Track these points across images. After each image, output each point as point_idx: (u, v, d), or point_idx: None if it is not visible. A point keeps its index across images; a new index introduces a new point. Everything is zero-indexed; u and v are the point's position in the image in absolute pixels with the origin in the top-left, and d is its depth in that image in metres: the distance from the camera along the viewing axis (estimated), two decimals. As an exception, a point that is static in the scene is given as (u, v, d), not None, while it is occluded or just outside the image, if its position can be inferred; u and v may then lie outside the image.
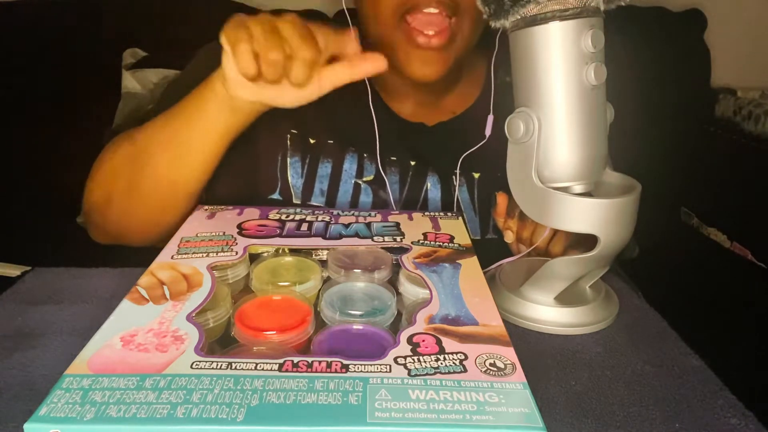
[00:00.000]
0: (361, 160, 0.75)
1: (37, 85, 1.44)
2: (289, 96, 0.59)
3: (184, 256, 0.51)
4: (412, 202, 0.76)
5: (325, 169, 0.75)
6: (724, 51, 1.62)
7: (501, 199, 0.64)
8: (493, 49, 0.74)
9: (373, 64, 0.59)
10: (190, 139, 0.63)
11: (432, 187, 0.76)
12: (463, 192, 0.76)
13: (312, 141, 0.76)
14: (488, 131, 0.72)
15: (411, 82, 0.71)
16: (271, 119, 0.65)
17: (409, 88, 0.76)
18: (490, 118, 0.72)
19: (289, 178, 0.74)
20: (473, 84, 0.80)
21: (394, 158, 0.76)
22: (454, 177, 0.76)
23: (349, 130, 0.76)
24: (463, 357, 0.38)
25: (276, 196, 0.74)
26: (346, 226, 0.59)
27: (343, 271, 0.52)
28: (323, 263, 0.54)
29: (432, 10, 0.66)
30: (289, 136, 0.75)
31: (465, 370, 0.37)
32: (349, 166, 0.75)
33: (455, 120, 0.79)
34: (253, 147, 0.72)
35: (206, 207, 0.63)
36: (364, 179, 0.75)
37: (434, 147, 0.77)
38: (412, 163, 0.76)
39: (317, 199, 0.75)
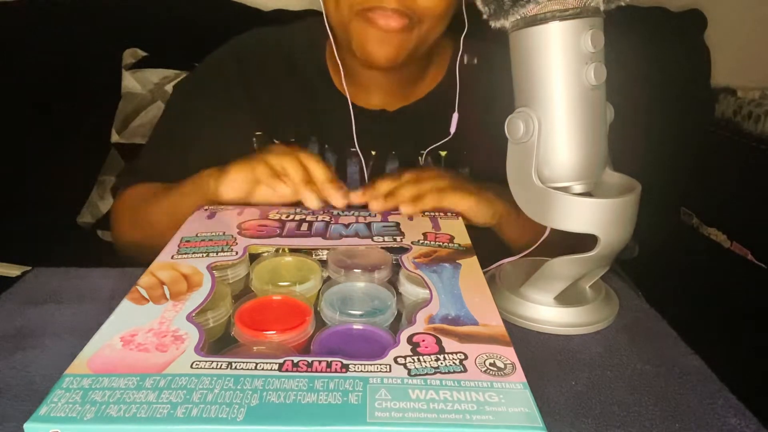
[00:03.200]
0: (322, 152, 0.79)
1: (37, 85, 1.44)
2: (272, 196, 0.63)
3: (184, 256, 0.51)
4: None
5: None
6: (724, 51, 1.61)
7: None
8: (460, 31, 0.74)
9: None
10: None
11: None
12: None
13: (276, 142, 0.79)
14: (453, 128, 0.74)
15: (375, 71, 0.73)
16: (236, 124, 0.72)
17: (377, 79, 0.77)
18: (455, 117, 0.73)
19: None
20: (438, 67, 0.81)
21: (354, 149, 0.77)
22: (420, 158, 0.78)
23: (310, 126, 0.79)
24: (463, 357, 0.38)
25: None
26: (346, 226, 0.59)
27: (343, 271, 0.52)
28: (323, 263, 0.54)
29: (389, 19, 0.65)
30: (254, 138, 0.79)
31: (465, 370, 0.37)
32: None
33: (417, 103, 0.80)
34: (222, 154, 0.74)
35: (206, 207, 0.63)
36: None
37: (396, 133, 0.79)
38: (373, 153, 0.78)
39: None
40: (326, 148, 0.78)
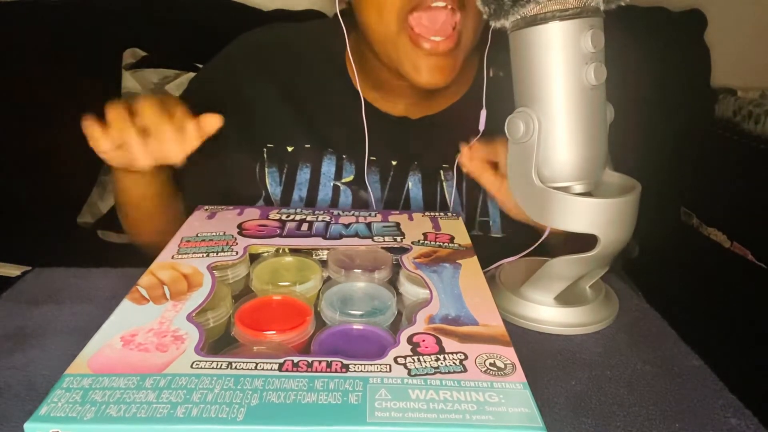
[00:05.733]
0: (340, 161, 0.76)
1: (38, 85, 1.44)
2: (169, 152, 0.60)
3: (184, 256, 0.51)
4: (394, 202, 0.76)
5: (303, 175, 0.76)
6: (724, 51, 1.62)
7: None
8: (485, 44, 0.72)
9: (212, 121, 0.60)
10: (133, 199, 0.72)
11: (413, 186, 0.76)
12: (450, 186, 0.76)
13: (290, 149, 0.76)
14: (482, 126, 0.71)
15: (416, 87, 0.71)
16: (244, 137, 0.69)
17: (406, 90, 0.75)
18: (483, 113, 0.71)
19: (268, 186, 0.76)
20: (464, 78, 0.79)
21: (374, 158, 0.76)
22: (442, 171, 0.76)
23: (327, 131, 0.77)
24: (463, 357, 0.38)
25: (260, 203, 0.76)
26: (347, 226, 0.59)
27: (344, 271, 0.52)
28: (323, 263, 0.54)
29: (439, 3, 0.63)
30: (265, 150, 0.76)
31: (465, 370, 0.37)
32: (327, 168, 0.76)
33: (442, 113, 0.78)
34: (230, 164, 0.76)
35: (206, 207, 0.63)
36: (344, 181, 0.76)
37: (418, 141, 0.77)
38: (394, 162, 0.76)
39: (296, 205, 0.76)
40: (344, 158, 0.75)
